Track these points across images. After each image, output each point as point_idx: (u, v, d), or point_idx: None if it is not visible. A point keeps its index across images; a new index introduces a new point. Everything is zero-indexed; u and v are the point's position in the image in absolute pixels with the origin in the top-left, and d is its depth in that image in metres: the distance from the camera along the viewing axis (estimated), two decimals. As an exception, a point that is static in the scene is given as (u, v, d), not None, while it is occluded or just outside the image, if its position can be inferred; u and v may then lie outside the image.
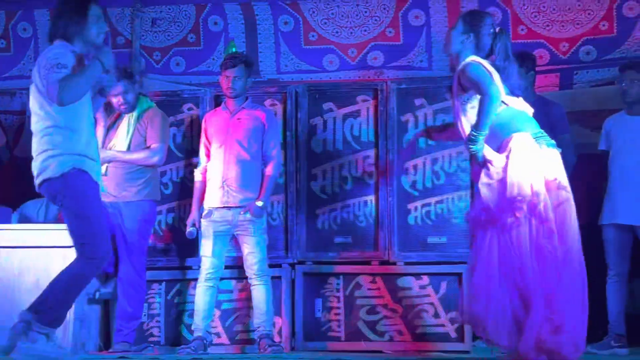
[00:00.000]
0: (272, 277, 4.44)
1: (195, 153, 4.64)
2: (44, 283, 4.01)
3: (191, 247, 4.62)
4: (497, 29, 3.61)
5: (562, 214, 3.33)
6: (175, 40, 5.61)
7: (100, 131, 4.40)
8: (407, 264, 4.54)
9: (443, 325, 4.46)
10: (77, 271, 3.38)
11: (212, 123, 4.49)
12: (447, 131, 4.04)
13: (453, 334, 4.44)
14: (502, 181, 3.33)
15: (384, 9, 5.41)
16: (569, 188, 3.39)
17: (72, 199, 3.34)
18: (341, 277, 4.58)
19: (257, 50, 5.49)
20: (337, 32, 5.51)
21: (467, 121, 3.51)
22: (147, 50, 5.65)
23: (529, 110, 3.56)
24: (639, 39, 5.10)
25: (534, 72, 4.66)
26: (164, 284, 4.66)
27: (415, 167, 4.62)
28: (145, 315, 4.62)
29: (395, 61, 5.42)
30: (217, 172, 4.40)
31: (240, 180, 4.36)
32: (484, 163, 3.42)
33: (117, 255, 4.42)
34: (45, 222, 4.73)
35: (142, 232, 4.45)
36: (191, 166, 4.68)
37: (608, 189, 4.58)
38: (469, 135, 3.44)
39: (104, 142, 4.46)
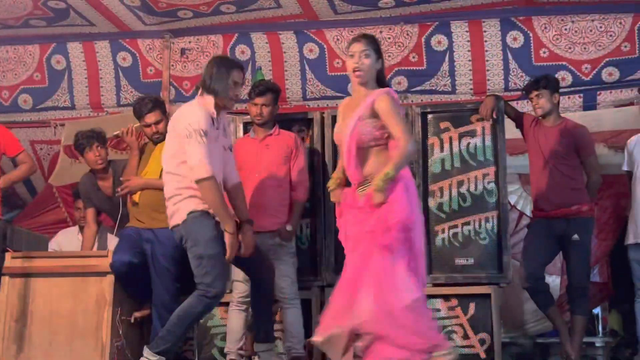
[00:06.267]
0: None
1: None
2: (80, 309, 4.33)
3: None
4: None
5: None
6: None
7: (134, 160, 4.47)
8: (435, 285, 4.45)
9: (473, 347, 4.39)
10: (190, 307, 3.62)
11: (241, 150, 4.45)
12: None
13: (482, 355, 4.37)
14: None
15: (407, 35, 5.43)
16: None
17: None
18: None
19: (283, 77, 5.55)
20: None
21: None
22: (176, 80, 5.75)
23: None
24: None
25: (558, 94, 4.62)
26: (196, 307, 4.57)
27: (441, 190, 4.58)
28: (179, 338, 4.57)
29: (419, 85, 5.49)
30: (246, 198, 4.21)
31: (270, 206, 4.34)
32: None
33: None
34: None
35: (175, 258, 4.28)
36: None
37: (632, 210, 4.53)
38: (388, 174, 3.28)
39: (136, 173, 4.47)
